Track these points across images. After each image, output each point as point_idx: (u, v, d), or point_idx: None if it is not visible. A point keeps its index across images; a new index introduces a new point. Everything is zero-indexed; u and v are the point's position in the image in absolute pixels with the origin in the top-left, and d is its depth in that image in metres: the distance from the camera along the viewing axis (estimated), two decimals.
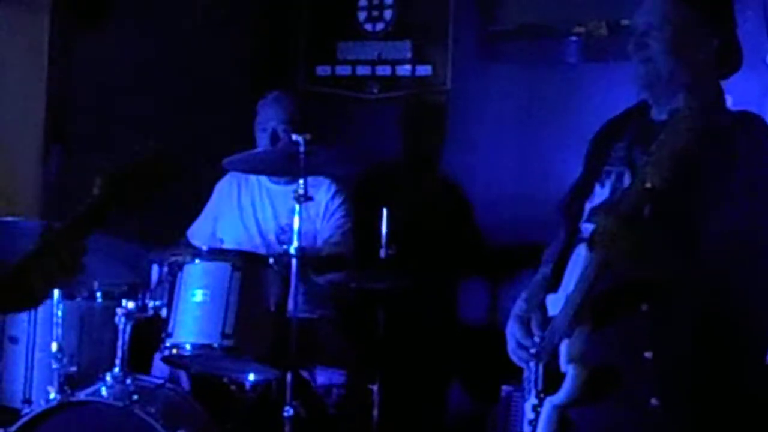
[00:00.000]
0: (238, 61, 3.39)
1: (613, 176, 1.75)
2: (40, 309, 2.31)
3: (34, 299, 1.21)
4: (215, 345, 2.27)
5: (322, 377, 2.58)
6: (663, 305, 1.60)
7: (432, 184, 3.13)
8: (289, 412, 2.26)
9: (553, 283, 1.74)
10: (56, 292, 2.34)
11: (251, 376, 2.41)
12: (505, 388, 2.44)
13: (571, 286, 1.62)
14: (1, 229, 2.43)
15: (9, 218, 2.50)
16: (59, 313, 2.37)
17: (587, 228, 1.69)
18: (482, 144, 3.00)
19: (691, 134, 1.43)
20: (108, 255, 2.40)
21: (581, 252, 1.63)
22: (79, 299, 2.50)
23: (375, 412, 2.48)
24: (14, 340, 2.51)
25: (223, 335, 2.24)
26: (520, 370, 2.14)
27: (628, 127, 1.81)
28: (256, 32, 3.46)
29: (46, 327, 2.41)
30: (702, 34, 1.69)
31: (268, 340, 2.32)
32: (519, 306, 1.81)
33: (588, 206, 1.75)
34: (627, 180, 1.67)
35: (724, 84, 1.78)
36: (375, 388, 2.50)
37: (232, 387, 2.48)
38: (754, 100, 2.38)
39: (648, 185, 1.45)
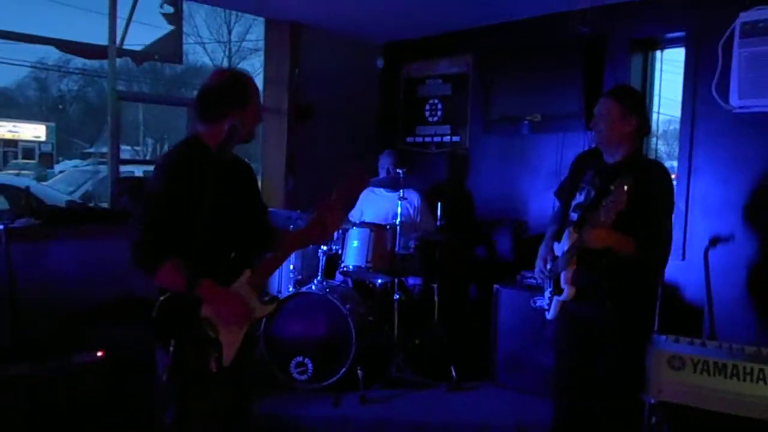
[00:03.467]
0: (371, 134, 5.50)
1: (585, 190, 2.64)
2: None
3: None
4: (363, 266, 3.99)
5: (411, 281, 4.29)
6: (613, 259, 2.48)
7: (461, 192, 5.03)
8: (396, 297, 3.97)
9: (557, 237, 2.71)
10: None
11: (379, 280, 4.18)
12: (495, 285, 4.00)
13: (565, 247, 2.58)
14: (271, 214, 4.25)
15: (272, 209, 4.37)
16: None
17: (573, 216, 2.67)
18: (483, 175, 4.92)
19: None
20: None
21: (569, 231, 2.58)
22: None
23: (436, 298, 4.16)
24: None
25: (367, 261, 3.96)
26: (505, 277, 3.87)
27: (591, 161, 2.70)
28: (379, 120, 5.58)
29: (289, 258, 4.10)
30: (625, 116, 2.54)
31: (387, 263, 3.96)
32: (541, 249, 2.81)
33: (573, 203, 2.69)
34: (592, 194, 2.58)
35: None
36: (435, 286, 4.16)
37: (370, 285, 4.28)
38: None
39: (603, 220, 2.25)
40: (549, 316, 2.76)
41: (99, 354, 3.17)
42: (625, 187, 2.17)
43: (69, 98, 31.44)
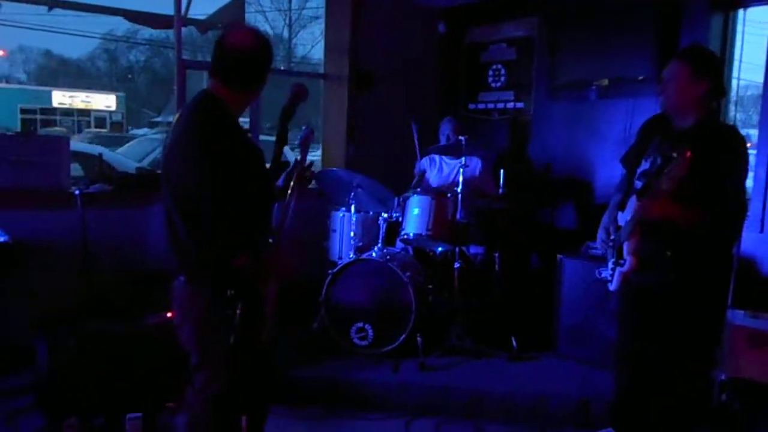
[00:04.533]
0: (432, 100, 5.43)
1: (651, 158, 2.55)
2: (347, 215, 4.17)
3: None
4: (423, 234, 3.95)
5: (472, 249, 4.26)
6: (676, 230, 2.39)
7: (523, 160, 4.94)
8: (457, 265, 3.95)
9: (621, 206, 2.65)
10: (352, 209, 4.15)
11: (439, 248, 4.13)
12: (559, 256, 3.94)
13: (628, 216, 2.51)
14: (330, 174, 4.34)
15: (336, 169, 4.51)
16: (353, 218, 4.14)
17: (637, 184, 2.58)
18: (547, 142, 4.79)
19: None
20: (371, 192, 4.22)
21: (633, 199, 2.49)
22: (362, 212, 4.18)
23: (497, 267, 4.15)
24: (334, 230, 4.30)
25: (427, 229, 3.92)
26: (568, 247, 3.80)
27: (660, 127, 2.59)
28: (440, 86, 5.50)
29: (348, 224, 4.18)
30: (695, 80, 2.42)
31: (448, 231, 3.93)
32: (604, 218, 2.76)
33: (638, 171, 2.61)
34: (658, 161, 2.45)
35: None
36: (497, 255, 4.15)
37: (430, 253, 4.24)
38: None
39: (664, 188, 2.13)
40: (612, 287, 2.70)
41: (168, 315, 3.28)
42: (688, 154, 2.07)
43: (137, 69, 32.47)
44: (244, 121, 5.18)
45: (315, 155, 6.67)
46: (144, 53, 31.92)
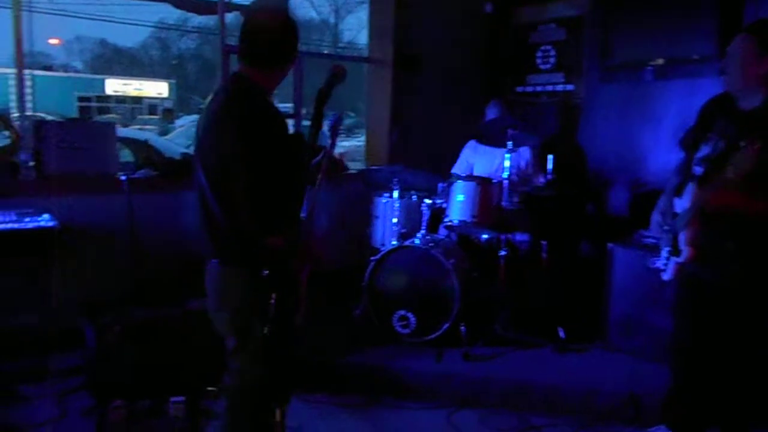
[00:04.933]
0: (478, 83, 5.31)
1: (713, 141, 2.39)
2: (390, 201, 4.10)
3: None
4: (468, 220, 3.85)
5: (518, 237, 4.12)
6: (735, 221, 2.28)
7: (573, 144, 4.76)
8: (502, 253, 3.84)
9: (678, 191, 2.52)
10: (395, 194, 4.07)
11: (484, 236, 4.08)
12: (609, 244, 3.79)
13: (686, 204, 2.41)
14: (372, 172, 4.33)
15: (375, 167, 4.49)
16: (396, 204, 4.06)
17: (697, 170, 2.43)
18: (599, 125, 4.60)
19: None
20: (414, 178, 4.13)
21: (692, 186, 2.39)
22: (405, 198, 4.10)
23: (543, 255, 4.02)
24: (377, 217, 4.25)
25: (472, 216, 3.82)
26: (619, 235, 3.65)
27: (723, 108, 2.42)
28: (487, 69, 5.39)
29: (391, 210, 4.11)
30: (762, 56, 2.26)
31: (493, 218, 3.84)
32: (660, 203, 2.64)
33: (698, 156, 2.45)
34: (721, 146, 2.31)
35: None
36: (544, 243, 4.02)
37: (475, 240, 4.19)
38: None
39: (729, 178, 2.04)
40: (666, 276, 2.59)
41: None
42: (757, 146, 1.97)
43: (187, 56, 33.08)
44: (286, 106, 5.22)
45: (359, 140, 6.63)
46: (194, 41, 32.45)
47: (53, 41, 25.85)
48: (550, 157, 4.01)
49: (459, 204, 3.95)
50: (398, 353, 3.75)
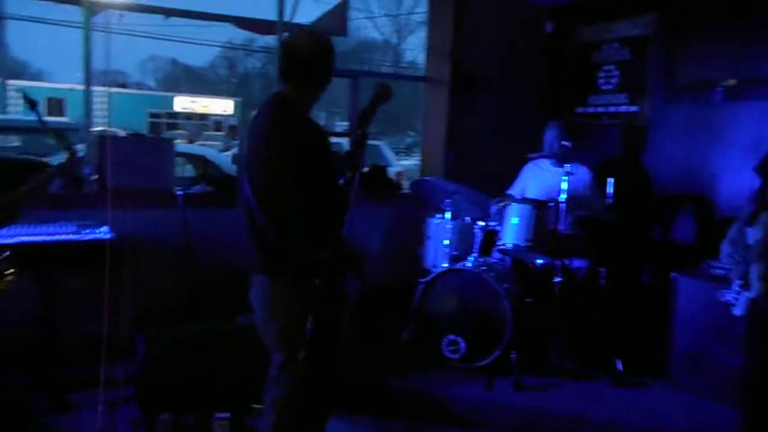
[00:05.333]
0: (537, 104, 5.18)
1: None
2: (443, 222, 4.01)
3: None
4: (522, 244, 3.76)
5: (575, 263, 3.94)
6: None
7: (636, 168, 4.55)
8: (558, 279, 3.70)
9: (751, 220, 2.47)
10: (448, 215, 4.01)
11: (539, 261, 3.93)
12: (673, 273, 3.64)
13: (758, 234, 2.36)
14: (429, 183, 4.29)
15: (429, 177, 4.44)
16: (449, 225, 3.97)
17: None
18: (664, 148, 4.38)
19: None
20: (470, 200, 4.07)
21: (766, 217, 2.33)
22: (458, 219, 4.02)
23: (601, 282, 3.84)
24: (429, 237, 4.16)
25: (526, 239, 3.73)
26: (685, 264, 3.48)
27: None
28: (546, 89, 5.27)
29: (443, 231, 4.02)
30: None
31: (549, 243, 3.70)
32: (731, 233, 2.60)
33: None
34: None
35: None
36: (603, 270, 3.85)
37: (530, 265, 4.04)
38: None
39: None
40: (737, 311, 2.47)
41: None
42: None
43: (253, 75, 34.06)
44: (342, 125, 5.23)
45: (418, 160, 6.59)
46: (260, 60, 33.42)
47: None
48: (610, 180, 3.84)
49: (513, 227, 3.85)
50: (446, 379, 3.66)
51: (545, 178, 4.28)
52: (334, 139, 3.70)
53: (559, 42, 5.21)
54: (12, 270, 1.76)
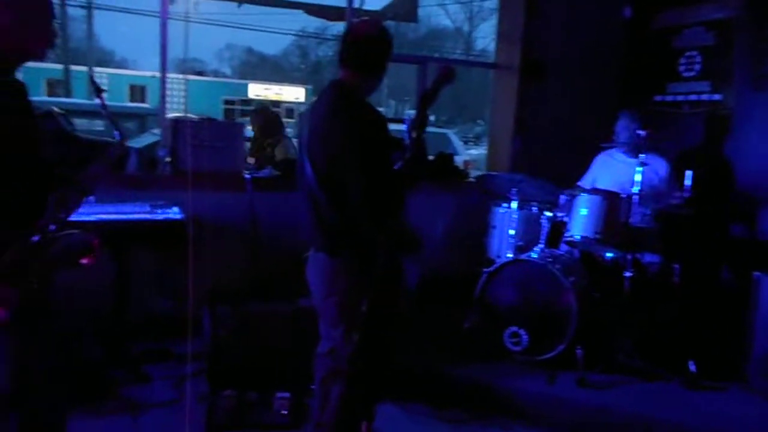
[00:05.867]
0: (612, 92, 5.01)
1: None
2: (508, 211, 3.96)
3: None
4: (591, 236, 3.65)
5: (647, 257, 3.82)
6: None
7: (718, 159, 4.31)
8: (628, 274, 3.54)
9: None
10: (514, 204, 3.97)
11: (609, 254, 3.78)
12: (756, 273, 3.44)
13: None
14: (493, 178, 4.26)
15: (494, 173, 4.39)
16: (515, 215, 3.94)
17: None
18: (751, 139, 4.12)
19: None
20: (537, 189, 3.97)
21: None
22: (524, 209, 3.95)
23: (675, 279, 3.70)
24: (494, 227, 4.12)
25: (596, 232, 3.61)
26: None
27: None
28: (622, 76, 5.07)
29: (509, 221, 3.99)
30: None
31: (620, 236, 3.56)
32: None
33: None
34: None
35: None
36: (677, 266, 3.70)
37: (598, 258, 3.91)
38: None
39: None
40: None
41: None
42: None
43: (325, 63, 34.48)
44: (411, 113, 5.21)
45: (484, 149, 6.49)
46: (331, 48, 33.77)
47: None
48: (688, 172, 3.63)
49: (582, 218, 3.72)
50: (507, 371, 3.59)
51: (618, 169, 4.12)
52: (397, 126, 3.74)
53: (637, 27, 4.98)
54: (91, 252, 1.81)
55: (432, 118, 4.13)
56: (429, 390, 3.41)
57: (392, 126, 2.50)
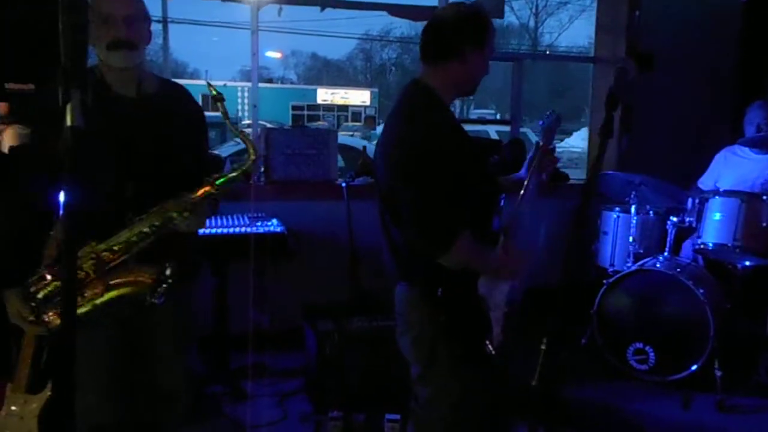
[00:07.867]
0: (730, 84, 4.65)
1: None
2: (624, 216, 3.69)
3: None
4: (729, 244, 3.34)
5: None
6: None
7: None
8: None
9: None
10: (633, 209, 3.65)
11: (746, 263, 3.41)
12: None
13: None
14: (607, 179, 3.86)
15: (609, 172, 4.00)
16: (633, 220, 3.63)
17: None
18: None
19: None
20: (657, 190, 3.70)
21: None
22: (641, 214, 3.65)
23: None
24: (605, 233, 3.84)
25: (734, 239, 3.30)
26: None
27: None
28: (743, 66, 4.70)
29: (624, 227, 3.72)
30: None
31: (761, 243, 3.27)
32: None
33: None
34: None
35: None
36: None
37: (730, 267, 3.51)
38: None
39: None
40: None
41: None
42: None
43: (389, 65, 34.56)
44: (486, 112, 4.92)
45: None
46: (395, 51, 33.85)
47: (275, 54, 28.47)
48: None
49: (716, 224, 3.41)
50: (633, 392, 3.33)
51: (744, 167, 3.76)
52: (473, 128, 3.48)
53: (757, 12, 4.53)
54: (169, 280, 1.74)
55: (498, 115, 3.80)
56: (547, 411, 3.15)
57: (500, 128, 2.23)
